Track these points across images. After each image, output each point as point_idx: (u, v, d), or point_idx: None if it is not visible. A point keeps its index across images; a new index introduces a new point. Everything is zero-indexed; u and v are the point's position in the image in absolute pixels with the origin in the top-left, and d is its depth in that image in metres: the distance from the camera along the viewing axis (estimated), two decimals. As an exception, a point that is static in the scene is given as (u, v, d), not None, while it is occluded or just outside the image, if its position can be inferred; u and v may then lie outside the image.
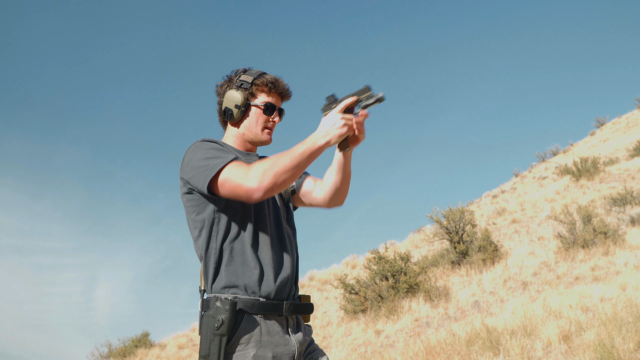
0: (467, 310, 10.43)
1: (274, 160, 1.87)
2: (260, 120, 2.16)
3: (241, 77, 2.17)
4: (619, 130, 37.41)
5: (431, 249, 16.50)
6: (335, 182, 2.21)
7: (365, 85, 1.92)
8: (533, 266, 11.81)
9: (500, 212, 19.90)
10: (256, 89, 2.15)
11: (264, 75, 2.16)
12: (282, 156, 1.87)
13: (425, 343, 7.02)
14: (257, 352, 1.93)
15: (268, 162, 1.87)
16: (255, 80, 2.15)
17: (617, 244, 11.30)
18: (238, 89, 2.15)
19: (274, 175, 1.85)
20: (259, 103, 2.15)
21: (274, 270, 2.03)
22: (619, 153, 25.91)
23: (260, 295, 1.99)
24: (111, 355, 17.66)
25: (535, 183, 26.77)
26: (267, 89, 2.16)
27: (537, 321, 6.73)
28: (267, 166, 1.86)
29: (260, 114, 2.16)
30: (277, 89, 2.17)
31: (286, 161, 1.86)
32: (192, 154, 2.01)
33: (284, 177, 1.86)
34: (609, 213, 14.30)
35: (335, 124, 1.89)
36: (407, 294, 11.75)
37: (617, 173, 20.31)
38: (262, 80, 2.15)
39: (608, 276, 9.60)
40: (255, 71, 2.18)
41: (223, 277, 2.00)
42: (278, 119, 2.20)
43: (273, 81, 2.16)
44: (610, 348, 4.92)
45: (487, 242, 13.36)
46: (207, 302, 1.98)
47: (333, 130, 1.90)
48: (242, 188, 1.88)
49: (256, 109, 2.16)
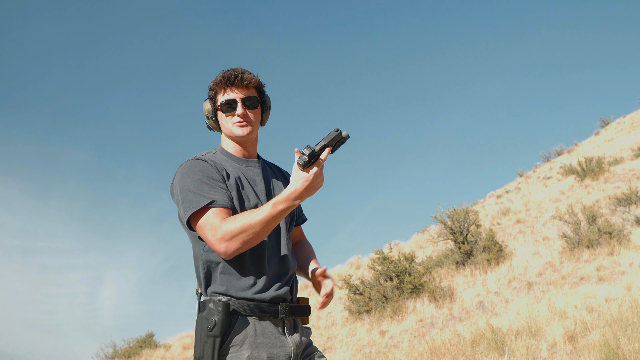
0: (471, 311, 10.42)
1: (248, 223, 1.88)
2: (225, 119, 2.15)
3: (209, 87, 2.18)
4: (623, 130, 37.30)
5: (435, 250, 16.49)
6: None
7: (336, 129, 1.89)
8: (538, 266, 11.79)
9: (505, 212, 19.87)
10: (215, 93, 2.16)
11: (220, 74, 2.15)
12: (257, 219, 1.88)
13: (430, 343, 7.02)
14: (252, 353, 1.94)
15: (240, 224, 1.88)
16: (212, 84, 2.16)
17: (622, 244, 11.27)
18: (207, 99, 2.19)
19: (242, 242, 1.90)
20: (219, 103, 2.15)
21: (270, 279, 2.04)
22: (623, 153, 25.84)
23: (253, 297, 2.00)
24: (116, 356, 17.68)
25: (540, 183, 26.72)
26: (222, 88, 2.14)
27: (542, 321, 6.72)
28: (238, 230, 1.88)
29: (222, 114, 2.15)
30: (230, 82, 2.13)
31: (259, 227, 1.89)
32: (180, 178, 2.04)
33: (252, 242, 1.92)
34: (614, 213, 14.26)
35: (318, 184, 1.89)
36: (412, 295, 11.75)
37: (621, 173, 20.25)
38: (215, 82, 2.15)
39: (613, 276, 9.57)
40: (220, 73, 2.16)
41: (217, 283, 2.01)
42: (242, 111, 2.12)
43: (223, 77, 2.13)
44: (615, 348, 4.91)
45: (492, 242, 13.34)
46: (202, 304, 2.00)
47: (315, 189, 1.90)
48: (210, 244, 1.93)
49: (220, 112, 2.15)
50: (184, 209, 1.98)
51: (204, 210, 1.95)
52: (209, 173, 2.02)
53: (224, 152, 2.18)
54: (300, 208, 2.42)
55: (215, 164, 2.07)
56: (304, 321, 2.19)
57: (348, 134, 1.93)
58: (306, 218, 2.45)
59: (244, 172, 2.15)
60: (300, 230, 2.45)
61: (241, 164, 2.17)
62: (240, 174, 2.13)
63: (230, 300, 1.97)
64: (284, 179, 2.32)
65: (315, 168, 1.86)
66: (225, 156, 2.17)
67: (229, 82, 2.12)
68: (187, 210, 1.96)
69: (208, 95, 2.19)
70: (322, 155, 1.87)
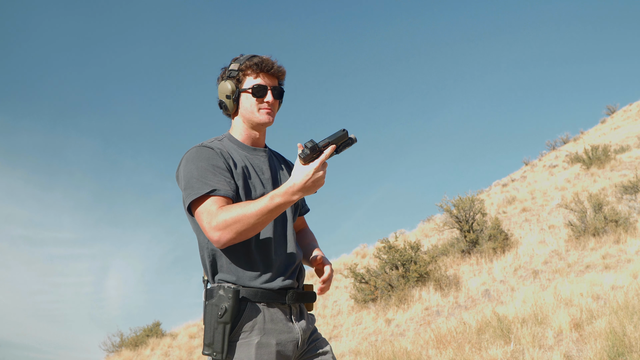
0: (477, 299, 10.44)
1: (243, 214, 1.86)
2: (253, 103, 2.13)
3: (230, 66, 2.16)
4: (630, 118, 37.08)
5: (441, 238, 16.49)
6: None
7: (343, 129, 1.87)
8: (544, 255, 11.78)
9: (511, 200, 19.83)
10: (243, 75, 2.13)
11: (251, 58, 2.13)
12: (252, 210, 1.85)
13: (436, 332, 7.03)
14: (261, 339, 1.96)
15: (235, 214, 1.86)
16: (241, 65, 2.13)
17: (628, 232, 11.25)
18: (227, 79, 2.14)
19: (236, 232, 1.87)
20: (247, 87, 2.12)
21: (277, 268, 2.05)
22: (630, 141, 25.70)
23: (262, 284, 2.01)
24: (123, 345, 17.80)
25: (546, 171, 26.64)
26: (254, 72, 2.12)
27: (548, 309, 6.73)
28: (232, 220, 1.86)
29: (250, 97, 2.13)
30: (265, 68, 2.12)
31: (254, 218, 1.86)
32: (186, 165, 2.04)
33: (246, 233, 1.89)
34: (620, 201, 14.22)
35: (318, 180, 1.85)
36: (417, 283, 11.77)
37: (628, 161, 20.16)
38: (248, 64, 2.12)
39: (619, 264, 9.56)
40: (245, 56, 2.15)
41: (224, 271, 2.02)
42: (272, 99, 2.13)
43: (258, 62, 2.12)
44: (621, 336, 4.92)
45: (498, 230, 13.33)
46: (210, 291, 2.01)
47: (314, 185, 1.87)
48: (205, 232, 1.91)
49: (246, 94, 2.13)
50: (186, 195, 1.98)
51: (204, 198, 1.94)
52: (214, 161, 2.01)
53: (232, 139, 2.18)
54: (303, 198, 2.40)
55: (221, 151, 2.06)
56: (308, 308, 2.21)
57: (356, 138, 1.92)
58: (309, 209, 2.45)
59: (251, 161, 2.15)
60: (302, 220, 2.46)
61: (249, 152, 2.16)
62: (248, 162, 2.13)
63: (239, 287, 1.98)
64: (289, 169, 2.32)
65: (317, 162, 1.83)
66: (233, 143, 2.16)
67: (264, 69, 2.12)
68: (189, 197, 1.96)
69: (227, 74, 2.15)
70: (325, 152, 1.85)
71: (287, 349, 2.01)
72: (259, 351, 1.94)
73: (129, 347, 17.36)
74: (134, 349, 17.16)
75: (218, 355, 1.91)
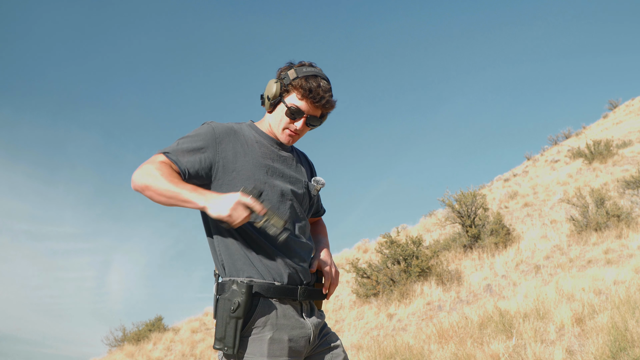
0: (479, 294, 10.44)
1: (159, 176, 1.88)
2: (283, 120, 2.11)
3: (289, 71, 2.10)
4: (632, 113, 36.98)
5: (443, 233, 16.49)
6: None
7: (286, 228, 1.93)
8: (545, 249, 11.78)
9: (513, 195, 19.82)
10: (292, 88, 2.08)
11: (307, 78, 2.06)
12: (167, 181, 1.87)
13: (438, 326, 7.04)
14: (274, 335, 1.96)
15: (155, 172, 1.88)
16: (295, 80, 2.07)
17: (630, 226, 11.23)
18: (278, 81, 2.10)
19: (147, 187, 1.88)
20: (287, 102, 2.09)
21: (289, 264, 2.05)
22: (632, 135, 25.64)
23: (274, 279, 2.01)
24: (125, 339, 17.82)
25: (548, 166, 26.61)
26: (300, 93, 2.07)
27: (550, 304, 6.73)
28: (150, 175, 1.88)
29: (284, 113, 2.10)
30: (312, 98, 2.07)
31: (162, 189, 1.86)
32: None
33: (152, 194, 1.89)
34: (622, 196, 14.20)
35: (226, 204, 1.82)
36: (419, 278, 11.77)
37: (630, 156, 20.13)
38: (300, 83, 2.06)
39: (621, 259, 9.56)
40: (306, 70, 2.08)
41: (237, 264, 2.02)
42: (301, 126, 2.11)
43: (311, 89, 2.05)
44: (623, 331, 4.92)
45: (499, 225, 13.33)
46: (222, 286, 2.00)
47: (219, 206, 1.83)
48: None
49: (283, 107, 2.10)
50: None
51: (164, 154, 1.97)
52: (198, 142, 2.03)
53: (258, 131, 2.18)
54: (319, 198, 2.43)
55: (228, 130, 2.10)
56: (318, 305, 2.21)
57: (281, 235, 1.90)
58: (325, 210, 2.50)
59: (272, 150, 2.16)
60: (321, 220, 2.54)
61: (270, 143, 2.17)
62: (267, 150, 2.14)
63: (252, 282, 1.97)
64: (308, 166, 2.34)
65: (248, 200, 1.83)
66: (257, 133, 2.17)
67: (311, 98, 2.07)
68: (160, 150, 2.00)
69: (282, 76, 2.11)
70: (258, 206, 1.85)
71: (299, 344, 2.02)
72: (271, 347, 1.94)
73: (131, 342, 17.39)
74: (137, 343, 17.19)
75: (229, 350, 1.90)
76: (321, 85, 2.07)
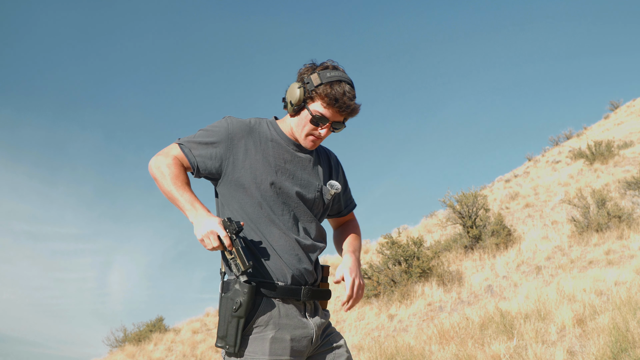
0: (480, 295, 10.44)
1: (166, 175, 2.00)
2: (306, 126, 2.09)
3: (312, 74, 2.05)
4: (633, 114, 36.91)
5: (444, 234, 16.48)
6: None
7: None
8: (547, 250, 11.77)
9: (514, 196, 19.81)
10: (316, 95, 2.04)
11: (332, 85, 2.02)
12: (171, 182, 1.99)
13: (439, 327, 7.04)
14: (276, 334, 1.97)
15: (164, 169, 2.01)
16: (320, 87, 2.02)
17: (631, 227, 11.22)
18: (301, 86, 2.05)
19: (155, 179, 2.04)
20: (311, 109, 2.06)
21: (294, 265, 2.05)
22: (633, 136, 25.60)
23: (278, 279, 2.01)
24: (126, 340, 17.82)
25: (549, 167, 26.58)
26: (326, 101, 2.03)
27: (551, 305, 6.73)
28: (159, 170, 2.02)
29: (307, 120, 2.07)
30: (337, 107, 2.03)
31: (166, 189, 2.01)
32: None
33: (158, 187, 2.04)
34: (624, 197, 14.19)
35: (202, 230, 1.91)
36: (420, 279, 11.77)
37: (631, 156, 20.11)
38: (325, 90, 2.01)
39: (622, 260, 9.55)
40: (330, 75, 2.03)
41: None
42: (326, 132, 2.09)
43: (336, 97, 2.01)
44: (624, 331, 4.92)
45: (500, 226, 13.32)
46: (226, 284, 2.01)
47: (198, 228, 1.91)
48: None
49: (306, 113, 2.07)
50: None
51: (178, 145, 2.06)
52: (212, 136, 2.08)
53: (277, 130, 2.18)
54: (340, 198, 2.35)
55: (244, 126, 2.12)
56: (322, 305, 2.20)
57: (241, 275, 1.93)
58: (351, 209, 2.43)
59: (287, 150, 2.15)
60: (352, 215, 2.46)
61: (287, 143, 2.16)
62: (281, 150, 2.14)
63: (255, 282, 1.98)
64: (328, 167, 2.29)
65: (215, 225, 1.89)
66: (275, 131, 2.17)
67: (337, 107, 2.04)
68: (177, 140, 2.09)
69: (305, 80, 2.06)
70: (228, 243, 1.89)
71: (302, 344, 2.02)
72: (273, 346, 1.95)
73: (132, 342, 17.39)
74: (137, 344, 17.19)
75: (231, 348, 1.93)
76: (346, 92, 2.03)
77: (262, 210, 2.05)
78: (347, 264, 2.14)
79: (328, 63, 2.08)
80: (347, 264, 2.14)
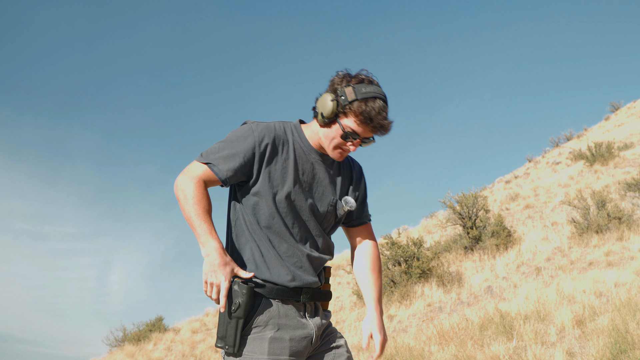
0: (480, 296, 10.44)
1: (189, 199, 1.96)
2: (335, 139, 2.04)
3: (347, 87, 1.98)
4: (634, 115, 36.94)
5: (444, 235, 16.49)
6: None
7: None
8: (546, 251, 11.77)
9: (514, 197, 19.82)
10: (350, 111, 1.97)
11: (367, 102, 1.95)
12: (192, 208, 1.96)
13: (438, 328, 7.04)
14: (275, 335, 1.97)
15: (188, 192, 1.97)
16: (353, 102, 1.96)
17: (631, 229, 11.22)
18: (334, 99, 1.99)
19: (178, 199, 1.99)
20: (343, 124, 2.00)
21: (296, 271, 2.05)
22: (633, 138, 25.62)
23: (277, 282, 2.02)
24: (126, 340, 17.82)
25: (549, 168, 26.62)
26: (359, 119, 1.97)
27: (551, 306, 6.73)
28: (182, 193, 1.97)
29: (338, 133, 2.03)
30: (371, 126, 1.98)
31: (186, 214, 1.97)
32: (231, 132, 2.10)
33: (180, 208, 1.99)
34: (624, 198, 14.19)
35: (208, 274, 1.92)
36: (420, 279, 11.77)
37: (631, 158, 20.12)
38: (360, 108, 1.95)
39: (622, 261, 9.55)
40: (365, 91, 1.96)
41: (241, 265, 2.03)
42: (354, 148, 2.04)
43: (371, 116, 1.96)
44: (624, 333, 4.92)
45: (500, 227, 13.33)
46: None
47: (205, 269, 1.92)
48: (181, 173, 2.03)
49: (337, 127, 2.02)
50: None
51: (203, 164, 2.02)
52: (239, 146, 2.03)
53: (302, 136, 2.15)
54: (364, 208, 2.32)
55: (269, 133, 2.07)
56: (323, 306, 2.21)
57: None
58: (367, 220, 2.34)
59: (308, 160, 2.13)
60: (366, 230, 2.34)
61: (309, 152, 2.14)
62: (303, 160, 2.12)
63: (254, 284, 1.99)
64: (349, 179, 2.26)
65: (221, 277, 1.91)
66: (299, 138, 2.14)
67: (370, 125, 1.99)
68: (203, 157, 2.03)
69: (339, 92, 1.99)
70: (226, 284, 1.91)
71: (301, 345, 2.02)
72: (272, 345, 1.95)
73: (131, 342, 17.39)
74: (137, 343, 17.19)
75: (230, 348, 1.94)
76: (381, 111, 1.97)
77: (274, 221, 2.04)
78: (373, 320, 2.16)
79: (363, 75, 2.01)
80: (374, 320, 2.17)
